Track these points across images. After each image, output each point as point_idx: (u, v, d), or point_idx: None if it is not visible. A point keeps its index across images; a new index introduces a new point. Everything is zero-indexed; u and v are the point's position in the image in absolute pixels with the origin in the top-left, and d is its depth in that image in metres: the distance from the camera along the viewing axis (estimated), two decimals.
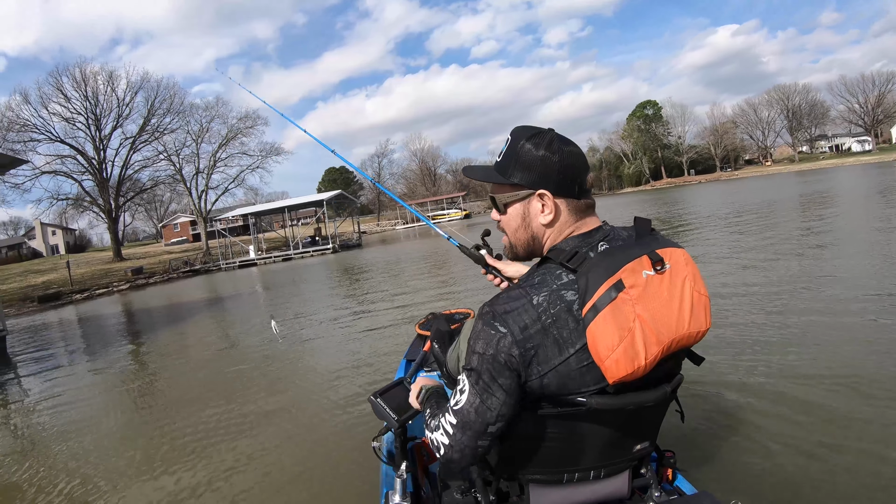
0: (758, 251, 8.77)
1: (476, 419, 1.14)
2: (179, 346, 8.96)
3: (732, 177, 71.37)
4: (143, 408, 5.37)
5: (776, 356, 3.99)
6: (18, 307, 24.96)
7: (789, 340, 4.27)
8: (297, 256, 35.85)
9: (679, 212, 21.83)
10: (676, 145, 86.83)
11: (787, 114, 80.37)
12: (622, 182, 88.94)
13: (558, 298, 1.10)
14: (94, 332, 13.04)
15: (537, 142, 1.19)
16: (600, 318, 1.06)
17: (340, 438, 3.65)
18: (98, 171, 43.60)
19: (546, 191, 1.19)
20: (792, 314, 4.95)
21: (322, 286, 15.92)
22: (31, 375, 8.29)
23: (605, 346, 1.05)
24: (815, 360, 3.81)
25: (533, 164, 1.19)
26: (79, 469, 3.88)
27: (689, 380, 3.34)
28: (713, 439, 2.93)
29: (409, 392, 1.54)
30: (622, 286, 1.08)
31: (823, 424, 2.91)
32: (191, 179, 48.55)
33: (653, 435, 1.31)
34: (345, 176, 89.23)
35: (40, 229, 59.71)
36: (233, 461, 3.55)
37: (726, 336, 4.59)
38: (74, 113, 42.91)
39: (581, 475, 1.25)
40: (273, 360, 6.41)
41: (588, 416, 1.15)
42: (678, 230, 14.40)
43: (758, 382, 3.59)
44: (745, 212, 16.84)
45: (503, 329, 1.09)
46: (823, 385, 3.38)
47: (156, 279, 32.37)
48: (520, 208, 1.24)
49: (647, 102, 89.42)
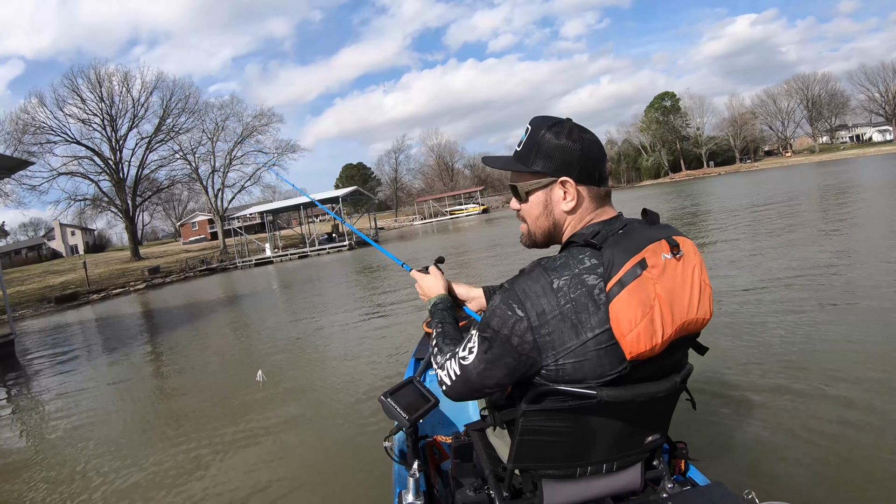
0: (780, 246, 8.51)
1: (476, 380, 1.21)
2: (192, 349, 8.71)
3: (752, 168, 70.50)
4: (152, 414, 5.25)
5: (790, 347, 3.97)
6: (35, 308, 24.89)
7: (804, 331, 4.25)
8: (314, 254, 35.51)
9: (705, 206, 21.21)
10: (695, 137, 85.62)
11: (806, 104, 79.13)
12: (641, 175, 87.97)
13: (580, 283, 1.10)
14: (105, 335, 12.78)
15: (558, 130, 1.20)
16: (625, 292, 1.07)
17: (352, 439, 3.66)
18: (114, 171, 43.72)
19: (569, 178, 1.20)
20: (808, 306, 4.95)
21: (334, 284, 15.70)
22: (39, 380, 8.18)
23: (628, 320, 1.06)
24: (831, 351, 3.78)
25: (555, 152, 1.20)
26: (86, 476, 3.84)
27: (702, 371, 3.48)
28: (726, 430, 2.93)
29: (420, 391, 1.57)
30: (645, 265, 1.09)
31: (838, 415, 2.89)
32: (207, 178, 48.57)
33: (664, 426, 1.31)
34: (362, 172, 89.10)
35: (59, 230, 60.33)
36: (246, 464, 3.56)
37: (739, 326, 4.63)
38: (90, 114, 43.12)
39: (594, 468, 1.25)
40: (284, 363, 6.29)
41: (599, 409, 1.15)
42: (703, 225, 13.74)
43: (771, 373, 3.58)
44: (771, 203, 16.34)
45: (520, 312, 1.10)
46: (839, 376, 3.36)
47: (172, 278, 32.22)
48: (542, 196, 1.25)
49: (665, 94, 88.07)
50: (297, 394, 4.97)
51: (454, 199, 73.71)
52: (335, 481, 3.12)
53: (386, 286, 12.56)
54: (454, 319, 1.50)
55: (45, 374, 8.52)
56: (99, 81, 43.08)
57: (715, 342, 4.22)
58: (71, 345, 11.83)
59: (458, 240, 25.52)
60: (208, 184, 48.66)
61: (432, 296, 1.59)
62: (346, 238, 37.07)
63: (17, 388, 7.94)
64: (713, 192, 30.06)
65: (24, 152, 38.66)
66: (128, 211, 44.47)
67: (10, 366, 9.94)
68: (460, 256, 16.82)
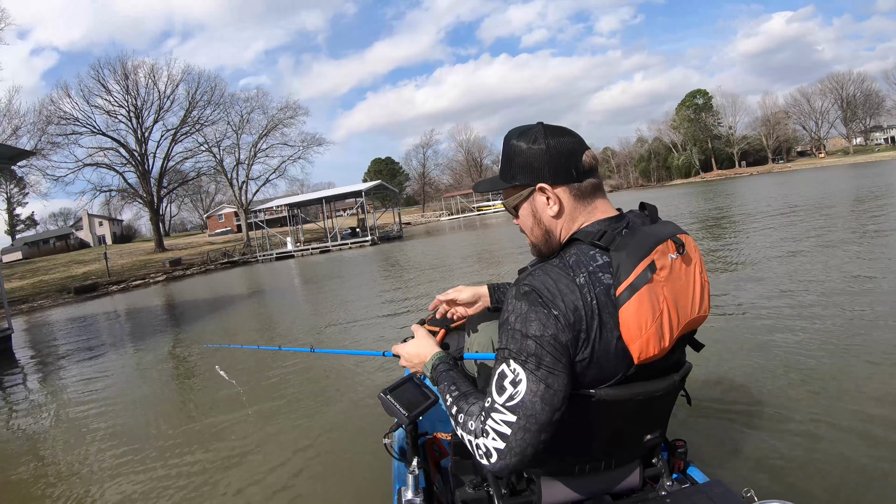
0: (806, 251, 8.06)
1: (543, 408, 1.04)
2: (198, 349, 7.98)
3: (785, 169, 69.29)
4: (155, 414, 5.01)
5: (795, 350, 3.96)
6: (55, 298, 24.57)
7: (812, 335, 4.23)
8: (336, 248, 34.72)
9: (743, 207, 19.82)
10: (727, 136, 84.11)
11: (841, 104, 77.00)
12: (671, 173, 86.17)
13: (597, 281, 1.07)
14: (109, 332, 12.02)
15: (525, 138, 1.18)
16: (636, 298, 1.04)
17: (351, 436, 3.64)
18: (139, 162, 43.60)
19: (543, 183, 1.17)
20: (810, 303, 5.08)
21: (348, 281, 15.06)
22: (35, 375, 8.00)
23: (639, 326, 1.05)
24: (838, 355, 3.75)
25: (525, 160, 1.18)
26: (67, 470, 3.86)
27: (703, 370, 3.59)
28: (725, 429, 2.93)
29: (420, 388, 1.55)
30: (655, 267, 1.08)
31: (838, 414, 2.89)
32: (231, 171, 48.22)
33: (663, 425, 1.30)
34: (390, 167, 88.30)
35: (87, 220, 60.85)
36: (245, 460, 3.50)
37: (739, 325, 4.71)
38: (116, 106, 42.95)
39: (592, 466, 1.25)
40: (284, 362, 5.93)
41: (598, 408, 1.12)
42: (744, 228, 12.32)
43: (771, 372, 3.60)
44: (804, 207, 15.16)
45: (555, 311, 1.03)
46: (837, 375, 3.38)
47: (193, 271, 31.75)
48: (528, 207, 1.22)
49: (697, 91, 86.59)
50: (294, 392, 4.82)
51: (482, 196, 72.48)
52: (334, 477, 3.09)
53: (396, 283, 12.24)
54: (464, 374, 1.31)
55: (38, 373, 8.19)
56: (125, 74, 42.99)
57: (716, 342, 4.21)
58: (74, 340, 11.18)
59: (485, 236, 24.48)
60: (233, 176, 48.35)
61: (426, 360, 1.40)
62: (369, 233, 36.17)
63: (11, 386, 7.45)
64: (747, 192, 28.78)
65: (49, 143, 38.70)
66: (152, 202, 44.35)
67: (4, 362, 9.41)
68: (488, 252, 16.09)
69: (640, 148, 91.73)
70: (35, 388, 7.18)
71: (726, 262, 8.07)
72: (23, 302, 23.90)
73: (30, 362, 9.33)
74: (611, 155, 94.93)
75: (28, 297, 24.86)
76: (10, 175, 51.19)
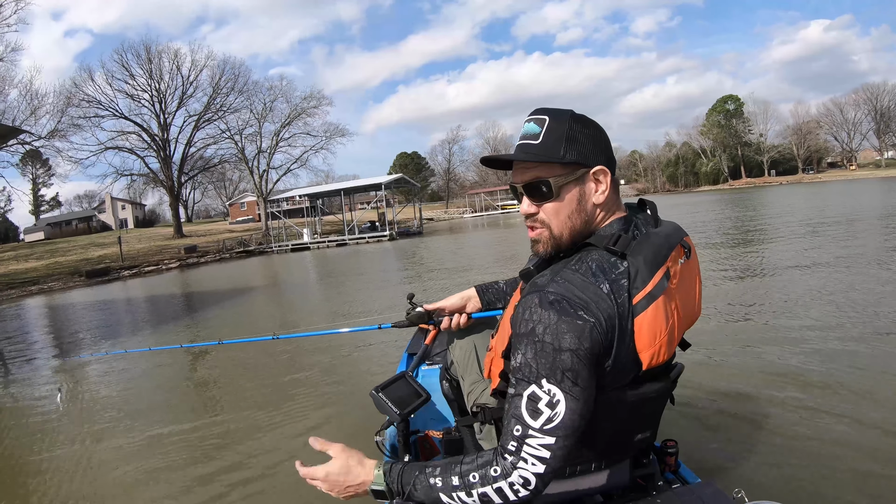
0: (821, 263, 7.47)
1: (581, 423, 1.02)
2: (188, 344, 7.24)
3: (815, 180, 67.70)
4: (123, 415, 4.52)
5: (781, 348, 4.10)
6: (65, 281, 24.17)
7: (794, 333, 4.44)
8: (353, 242, 33.95)
9: (783, 219, 18.12)
10: (757, 144, 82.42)
11: (874, 115, 74.64)
12: (699, 180, 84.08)
13: (621, 288, 1.03)
14: (97, 320, 11.17)
15: (580, 120, 1.13)
16: (653, 307, 1.03)
17: (342, 433, 3.45)
18: (161, 148, 43.38)
19: (604, 167, 1.12)
20: (802, 307, 5.28)
21: (355, 277, 14.18)
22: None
23: (653, 333, 1.04)
24: (819, 353, 3.93)
25: (586, 140, 1.11)
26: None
27: (696, 372, 3.67)
28: (716, 429, 2.95)
29: (411, 386, 1.55)
30: (669, 275, 1.07)
31: (829, 417, 2.94)
32: (253, 159, 47.78)
33: (654, 425, 1.29)
34: (416, 162, 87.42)
35: (110, 203, 61.22)
36: (235, 457, 3.30)
37: (735, 329, 4.83)
38: (139, 90, 42.75)
39: (584, 467, 1.24)
40: (274, 360, 5.62)
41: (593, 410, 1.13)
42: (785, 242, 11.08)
43: (763, 374, 3.66)
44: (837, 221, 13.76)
45: (591, 319, 0.99)
46: (828, 380, 3.45)
47: (207, 259, 31.25)
48: (576, 190, 1.12)
49: (729, 97, 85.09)
50: (283, 390, 4.60)
51: (507, 193, 71.25)
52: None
53: (402, 279, 11.91)
54: (427, 463, 1.14)
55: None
56: (149, 58, 42.76)
57: (711, 344, 4.29)
58: (59, 329, 10.38)
59: (506, 236, 23.41)
60: (254, 165, 47.92)
61: (366, 477, 1.17)
62: (388, 228, 35.30)
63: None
64: (781, 202, 27.32)
65: (71, 125, 38.56)
66: (172, 188, 44.14)
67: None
68: (508, 252, 15.42)
69: (668, 152, 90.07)
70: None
71: (737, 268, 8.12)
72: (33, 283, 23.54)
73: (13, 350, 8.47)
74: (638, 158, 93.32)
75: (40, 279, 24.51)
76: (37, 156, 51.59)
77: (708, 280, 6.65)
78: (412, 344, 2.81)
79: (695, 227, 15.87)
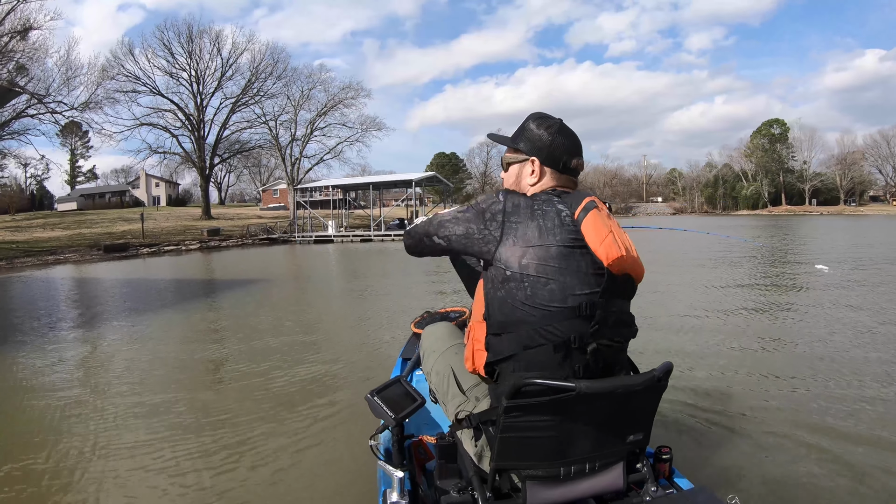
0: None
1: (435, 225, 1.51)
2: (175, 334, 6.76)
3: (857, 212, 65.90)
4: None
5: (773, 357, 4.31)
6: (83, 254, 23.78)
7: (786, 346, 4.67)
8: (377, 238, 33.03)
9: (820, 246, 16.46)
10: (800, 171, 79.52)
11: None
12: (738, 203, 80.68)
13: (552, 206, 1.38)
14: (118, 297, 10.30)
15: (540, 124, 1.53)
16: (590, 217, 1.34)
17: (337, 437, 3.44)
18: (195, 128, 43.20)
19: (537, 159, 1.50)
20: (796, 321, 5.63)
21: (359, 275, 13.40)
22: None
23: (598, 234, 1.32)
24: (810, 361, 4.10)
25: (532, 138, 1.52)
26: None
27: (691, 377, 3.81)
28: (711, 436, 2.95)
29: (406, 390, 1.60)
30: (595, 205, 1.38)
31: (824, 424, 2.98)
32: (286, 147, 47.32)
33: (645, 425, 1.34)
34: (453, 163, 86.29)
35: (144, 179, 61.77)
36: (226, 459, 3.16)
37: (731, 337, 5.00)
38: (178, 69, 42.62)
39: (577, 468, 1.27)
40: (268, 359, 5.41)
41: (578, 403, 1.20)
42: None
43: (759, 382, 3.74)
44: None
45: (501, 198, 1.42)
46: (823, 389, 3.53)
47: (229, 243, 30.68)
48: (517, 168, 1.55)
49: (775, 121, 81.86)
50: (279, 392, 4.39)
51: None
52: (319, 478, 2.88)
53: (403, 283, 11.59)
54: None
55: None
56: (191, 38, 42.59)
57: (706, 351, 4.43)
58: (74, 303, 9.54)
59: None
60: (286, 152, 47.47)
61: None
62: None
63: None
64: (824, 232, 25.86)
65: (107, 98, 38.45)
66: (204, 169, 43.96)
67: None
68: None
69: (708, 173, 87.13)
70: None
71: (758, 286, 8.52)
72: (51, 253, 23.20)
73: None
74: (678, 177, 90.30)
75: (58, 249, 24.20)
76: (77, 127, 52.16)
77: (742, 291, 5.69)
78: (406, 349, 2.82)
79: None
